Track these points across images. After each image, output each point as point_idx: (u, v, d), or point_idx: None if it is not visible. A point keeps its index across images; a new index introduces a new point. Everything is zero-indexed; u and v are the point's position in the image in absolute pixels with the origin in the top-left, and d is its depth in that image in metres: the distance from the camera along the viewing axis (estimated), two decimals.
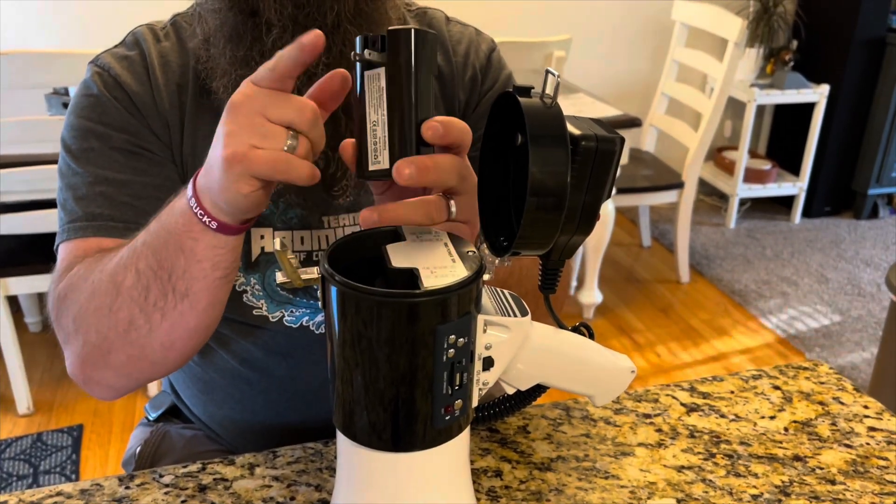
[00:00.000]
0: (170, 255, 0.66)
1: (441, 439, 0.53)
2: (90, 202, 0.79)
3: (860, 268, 3.17)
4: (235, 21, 0.78)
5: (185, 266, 0.66)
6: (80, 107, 0.83)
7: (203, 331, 0.72)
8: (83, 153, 0.81)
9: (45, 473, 2.01)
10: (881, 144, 3.45)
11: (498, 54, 0.95)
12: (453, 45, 0.92)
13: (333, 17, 0.76)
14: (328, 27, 0.76)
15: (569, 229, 0.52)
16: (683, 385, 0.89)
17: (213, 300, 0.69)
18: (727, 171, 3.53)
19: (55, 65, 1.83)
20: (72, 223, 0.79)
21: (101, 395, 0.78)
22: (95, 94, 0.82)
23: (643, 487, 0.73)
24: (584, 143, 0.51)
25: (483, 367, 0.55)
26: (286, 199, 0.83)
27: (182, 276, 0.67)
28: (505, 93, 0.55)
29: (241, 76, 0.79)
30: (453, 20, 0.95)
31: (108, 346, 0.72)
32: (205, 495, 0.71)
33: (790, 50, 3.45)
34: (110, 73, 0.82)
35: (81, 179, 0.80)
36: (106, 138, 0.81)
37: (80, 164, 0.81)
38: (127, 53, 0.84)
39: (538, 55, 2.27)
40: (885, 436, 0.81)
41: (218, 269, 0.67)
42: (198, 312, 0.69)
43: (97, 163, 0.80)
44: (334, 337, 0.51)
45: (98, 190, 0.79)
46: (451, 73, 0.91)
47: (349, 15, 0.77)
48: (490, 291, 0.59)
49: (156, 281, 0.68)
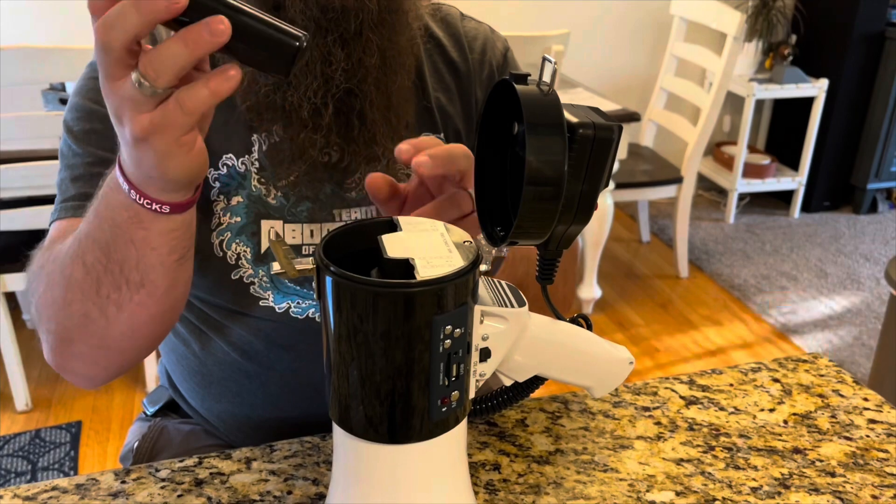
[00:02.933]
0: (119, 248, 0.64)
1: (438, 431, 0.53)
2: (86, 183, 0.78)
3: (859, 262, 3.17)
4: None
5: (137, 257, 0.64)
6: (87, 88, 0.82)
7: (167, 314, 0.70)
8: (84, 134, 0.80)
9: (43, 470, 2.00)
10: (880, 139, 3.44)
11: (512, 54, 0.96)
12: (469, 42, 0.92)
13: (357, 25, 0.76)
14: (350, 33, 0.76)
15: (566, 219, 0.52)
16: (682, 378, 0.88)
17: (172, 283, 0.67)
18: (726, 166, 3.52)
19: (52, 60, 1.82)
20: (65, 202, 0.79)
21: (78, 383, 0.77)
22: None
23: (642, 480, 0.73)
24: (581, 132, 0.50)
25: (480, 358, 0.55)
26: (297, 192, 0.83)
27: (136, 268, 0.64)
28: (502, 81, 0.54)
29: (257, 72, 0.78)
30: (468, 17, 0.96)
31: (69, 337, 0.71)
32: (201, 490, 0.71)
33: (789, 44, 3.44)
34: None
35: (80, 160, 0.80)
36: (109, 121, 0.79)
37: (80, 145, 0.80)
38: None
39: (537, 49, 2.26)
40: (885, 428, 0.81)
41: (175, 252, 0.65)
42: (157, 299, 0.67)
43: (98, 144, 0.79)
44: (329, 328, 0.51)
45: (95, 171, 0.78)
46: (468, 69, 0.91)
47: (372, 24, 0.77)
48: (487, 282, 0.58)
49: (106, 275, 0.65)
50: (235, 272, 0.83)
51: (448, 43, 0.92)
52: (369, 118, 0.80)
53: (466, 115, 0.91)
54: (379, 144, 0.81)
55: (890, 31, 3.33)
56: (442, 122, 0.89)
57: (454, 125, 0.90)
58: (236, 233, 0.83)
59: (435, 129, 0.88)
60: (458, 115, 0.90)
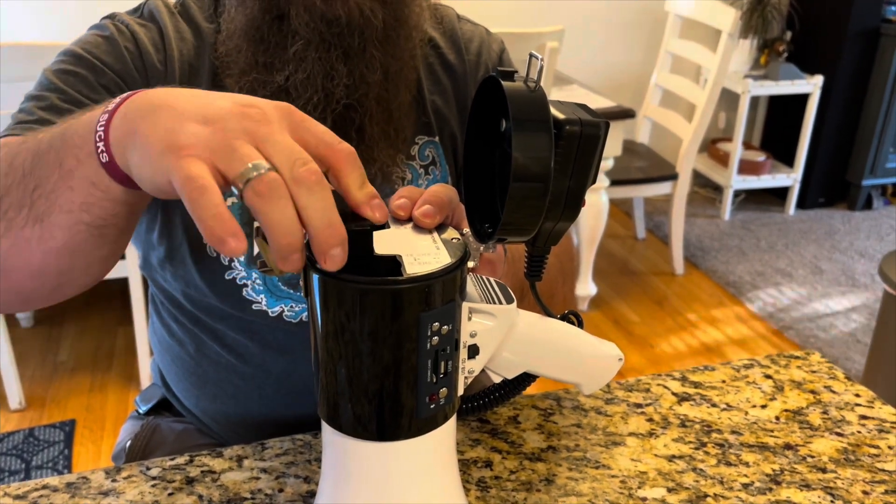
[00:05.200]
0: (46, 165, 0.56)
1: (426, 428, 0.53)
2: (52, 112, 0.72)
3: (854, 259, 3.18)
4: (261, 22, 0.76)
5: (53, 185, 0.55)
6: (85, 41, 0.79)
7: (49, 277, 0.60)
8: (67, 74, 0.76)
9: (37, 468, 2.00)
10: (875, 135, 3.44)
11: (508, 55, 0.96)
12: (465, 43, 0.92)
13: (361, 41, 0.76)
14: (354, 49, 0.76)
15: (553, 215, 0.52)
16: (675, 374, 0.88)
17: (69, 246, 0.57)
18: (721, 163, 3.52)
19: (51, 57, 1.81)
20: (23, 123, 0.72)
21: None
22: (107, 36, 0.79)
23: (634, 477, 0.73)
24: (568, 128, 0.50)
25: (468, 355, 0.55)
26: None
27: (46, 196, 0.56)
28: (489, 77, 0.54)
29: (258, 81, 0.77)
30: (464, 18, 0.95)
31: None
32: (192, 488, 0.71)
33: (784, 41, 3.44)
34: (128, 28, 0.80)
35: (55, 94, 0.74)
36: (98, 72, 0.77)
37: (59, 80, 0.75)
38: (144, 22, 0.83)
39: (531, 46, 2.25)
40: (876, 424, 0.81)
41: (87, 212, 0.55)
42: (45, 250, 0.57)
43: (77, 88, 0.75)
44: (317, 326, 0.51)
45: (65, 108, 0.73)
46: (464, 70, 0.91)
47: (377, 40, 0.77)
48: (476, 279, 0.58)
49: (18, 187, 0.57)
50: (229, 273, 0.83)
51: (444, 44, 0.91)
52: (368, 133, 0.79)
53: (461, 116, 0.91)
54: (377, 160, 0.80)
55: (885, 27, 3.34)
56: (438, 126, 0.89)
57: (450, 129, 0.90)
58: None
59: (431, 134, 0.88)
60: (453, 118, 0.90)
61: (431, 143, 0.88)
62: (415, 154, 0.87)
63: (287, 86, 0.76)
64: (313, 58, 0.75)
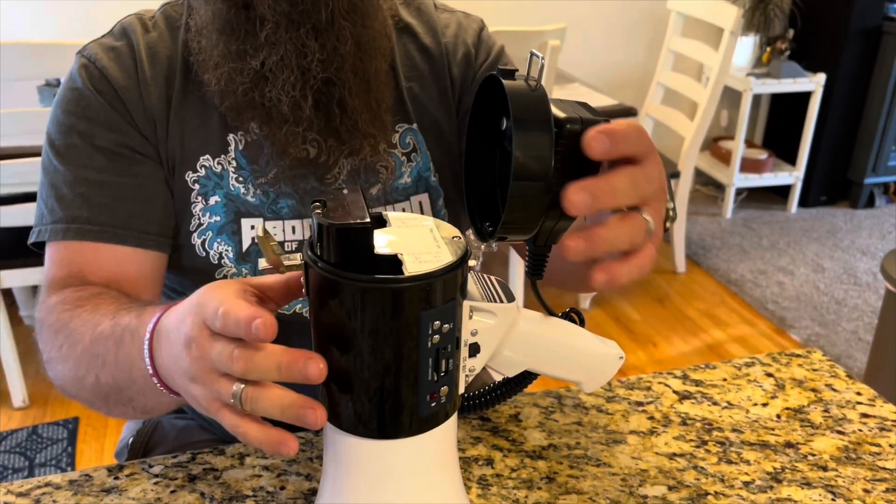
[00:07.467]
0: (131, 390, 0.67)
1: (427, 426, 0.53)
2: (71, 203, 0.80)
3: (856, 257, 3.17)
4: (228, 14, 0.77)
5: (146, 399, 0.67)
6: (65, 100, 0.83)
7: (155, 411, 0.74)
8: (66, 150, 0.81)
9: (40, 466, 2.00)
10: (877, 133, 3.44)
11: (487, 31, 0.96)
12: (442, 29, 0.93)
13: (328, 14, 0.76)
14: (322, 23, 0.76)
15: (554, 214, 0.52)
16: (676, 373, 0.88)
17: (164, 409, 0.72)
18: (723, 161, 3.52)
19: (48, 56, 1.82)
20: (55, 224, 0.81)
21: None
22: (79, 88, 0.82)
23: (635, 475, 0.73)
24: (568, 127, 0.50)
25: (469, 353, 0.55)
26: (277, 188, 0.83)
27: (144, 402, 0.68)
28: (490, 76, 0.54)
29: (234, 69, 0.78)
30: (441, 7, 0.96)
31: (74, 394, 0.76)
32: (194, 485, 0.71)
33: (786, 39, 3.44)
34: (96, 66, 0.82)
35: (63, 178, 0.81)
36: (88, 136, 0.81)
37: (62, 162, 0.81)
38: (115, 44, 0.84)
39: (533, 44, 2.25)
40: (877, 422, 0.81)
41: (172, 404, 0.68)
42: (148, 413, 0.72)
43: (79, 162, 0.81)
44: (318, 323, 0.51)
45: (79, 191, 0.80)
46: (441, 52, 0.91)
47: (343, 11, 0.77)
48: (476, 277, 0.58)
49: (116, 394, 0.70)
50: (219, 271, 0.83)
51: (421, 30, 0.92)
52: (349, 106, 0.80)
53: (443, 99, 0.91)
54: (361, 132, 0.81)
55: (887, 25, 3.33)
56: (415, 112, 0.89)
57: (430, 115, 0.90)
58: (217, 232, 0.83)
59: (408, 120, 0.89)
60: (433, 103, 0.90)
61: (410, 130, 0.89)
62: (396, 142, 0.88)
63: (263, 71, 0.77)
64: (284, 38, 0.76)
